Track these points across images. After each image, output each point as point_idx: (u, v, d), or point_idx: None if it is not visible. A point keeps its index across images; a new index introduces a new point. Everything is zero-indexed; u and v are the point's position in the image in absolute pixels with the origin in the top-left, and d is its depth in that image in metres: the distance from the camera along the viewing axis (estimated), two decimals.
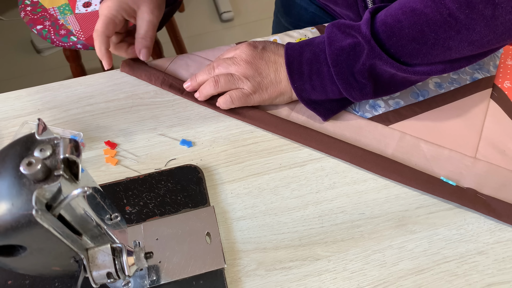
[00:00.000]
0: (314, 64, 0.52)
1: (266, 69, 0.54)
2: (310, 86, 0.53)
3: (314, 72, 0.52)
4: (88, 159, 0.54)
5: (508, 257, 0.46)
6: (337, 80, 0.51)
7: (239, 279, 0.45)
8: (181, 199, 0.50)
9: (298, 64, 0.53)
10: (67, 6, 0.94)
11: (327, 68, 0.51)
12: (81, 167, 0.33)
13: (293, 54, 0.53)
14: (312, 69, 0.52)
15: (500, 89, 0.57)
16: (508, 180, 0.50)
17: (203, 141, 0.55)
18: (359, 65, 0.49)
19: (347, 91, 0.51)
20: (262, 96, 0.55)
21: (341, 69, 0.50)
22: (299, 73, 0.53)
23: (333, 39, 0.50)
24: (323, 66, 0.51)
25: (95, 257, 0.32)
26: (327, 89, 0.52)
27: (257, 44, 0.55)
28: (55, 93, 0.60)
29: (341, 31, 0.50)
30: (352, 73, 0.50)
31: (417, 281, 0.45)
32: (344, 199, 0.50)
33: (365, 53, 0.48)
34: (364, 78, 0.50)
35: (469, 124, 0.54)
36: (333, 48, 0.50)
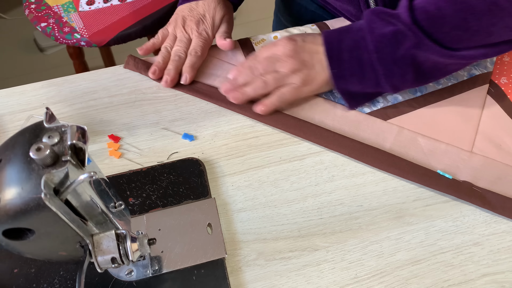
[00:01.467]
0: (354, 51, 0.52)
1: (311, 60, 0.54)
2: (349, 74, 0.53)
3: (354, 59, 0.53)
4: (92, 152, 0.55)
5: (503, 248, 0.47)
6: (379, 66, 0.51)
7: (239, 268, 0.46)
8: (183, 191, 0.51)
9: (338, 51, 0.53)
10: (70, 4, 0.95)
11: (367, 55, 0.52)
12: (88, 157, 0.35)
13: (332, 42, 0.53)
14: (352, 56, 0.53)
15: (497, 85, 0.58)
16: (503, 174, 0.51)
17: (204, 135, 0.56)
18: (401, 52, 0.50)
19: (387, 78, 0.52)
20: (312, 87, 0.55)
21: (383, 55, 0.51)
22: (338, 60, 0.53)
23: (374, 26, 0.51)
24: (363, 53, 0.52)
25: (100, 243, 0.33)
26: (365, 75, 0.53)
27: (295, 38, 0.55)
28: (59, 88, 0.61)
29: (381, 19, 0.51)
30: (394, 60, 0.51)
31: (414, 271, 0.46)
32: (342, 192, 0.51)
33: (408, 40, 0.49)
34: (406, 65, 0.51)
35: (466, 119, 0.55)
36: (374, 35, 0.51)
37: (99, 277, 0.45)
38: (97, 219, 0.34)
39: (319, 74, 0.54)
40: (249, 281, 0.46)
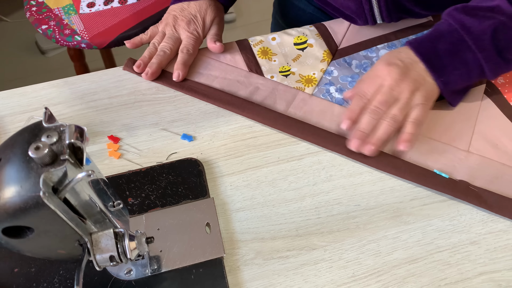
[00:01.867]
0: (456, 53, 0.52)
1: (420, 75, 0.53)
2: (455, 76, 0.53)
3: (458, 61, 0.52)
4: (92, 153, 0.56)
5: (500, 247, 0.48)
6: (485, 64, 0.51)
7: (237, 267, 0.47)
8: (182, 191, 0.51)
9: (437, 58, 0.53)
10: (71, 7, 0.96)
11: (471, 55, 0.51)
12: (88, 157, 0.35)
13: (426, 51, 0.53)
14: (454, 59, 0.52)
15: (494, 85, 0.59)
16: (500, 173, 0.51)
17: (203, 136, 0.57)
18: (506, 43, 0.50)
19: (493, 72, 0.52)
20: (433, 99, 0.54)
21: (489, 52, 0.51)
22: (441, 66, 0.52)
23: (470, 26, 0.51)
24: (466, 53, 0.51)
25: (99, 241, 0.34)
26: (472, 74, 0.53)
27: (391, 60, 0.53)
28: (59, 90, 0.62)
29: (472, 15, 0.51)
30: (499, 53, 0.51)
31: (411, 270, 0.46)
32: (340, 191, 0.52)
33: (510, 30, 0.50)
34: (511, 54, 0.51)
35: (463, 119, 0.55)
36: (474, 34, 0.50)
37: (99, 276, 0.46)
38: (96, 218, 0.35)
39: (433, 85, 0.53)
40: (247, 280, 0.46)
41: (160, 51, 0.62)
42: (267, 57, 0.63)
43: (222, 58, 0.63)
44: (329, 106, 0.57)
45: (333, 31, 0.65)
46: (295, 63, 0.62)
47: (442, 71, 0.52)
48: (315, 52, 0.63)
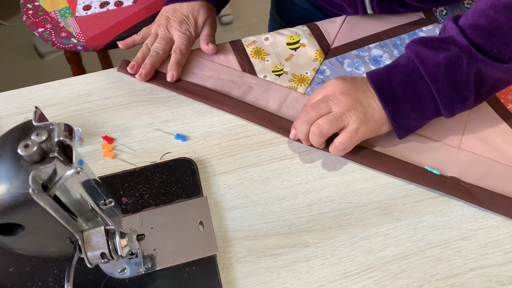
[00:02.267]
0: (409, 85, 0.50)
1: (365, 98, 0.50)
2: (406, 108, 0.50)
3: (410, 92, 0.50)
4: (87, 153, 0.56)
5: (491, 242, 0.48)
6: (438, 97, 0.49)
7: (230, 265, 0.47)
8: (175, 190, 0.52)
9: (389, 87, 0.50)
10: (67, 9, 0.96)
11: (425, 86, 0.49)
12: (81, 159, 0.36)
13: (379, 79, 0.51)
14: (406, 90, 0.50)
15: None
16: (490, 169, 0.51)
17: (197, 135, 0.57)
18: (461, 77, 0.48)
19: (448, 107, 0.49)
20: (369, 125, 0.50)
21: (442, 85, 0.48)
22: (392, 96, 0.50)
23: (424, 57, 0.49)
24: (419, 84, 0.49)
25: (90, 238, 0.34)
26: (424, 108, 0.50)
27: (345, 77, 0.53)
28: (55, 91, 0.62)
29: (429, 47, 0.49)
30: (454, 87, 0.48)
31: (402, 266, 0.47)
32: (332, 189, 0.52)
33: (465, 63, 0.47)
34: (467, 90, 0.48)
35: (455, 117, 0.55)
36: (428, 66, 0.48)
37: (93, 275, 0.46)
38: (87, 216, 0.35)
39: (376, 111, 0.50)
40: (239, 278, 0.46)
41: (153, 52, 0.62)
42: (260, 57, 0.63)
43: (216, 59, 0.63)
44: None
45: (326, 30, 0.66)
46: (288, 62, 0.63)
47: (392, 100, 0.50)
48: (307, 51, 0.63)
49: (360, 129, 0.50)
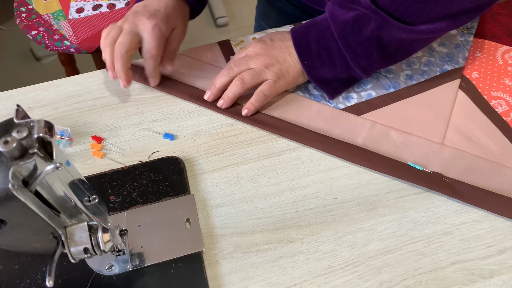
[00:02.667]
0: (322, 41, 0.55)
1: (282, 55, 0.57)
2: (319, 62, 0.56)
3: (322, 48, 0.55)
4: (76, 153, 0.57)
5: (473, 236, 0.49)
6: (345, 51, 0.54)
7: (216, 261, 0.48)
8: (163, 188, 0.52)
9: (306, 43, 0.56)
10: (60, 12, 0.97)
11: (334, 42, 0.55)
12: (68, 161, 0.36)
13: (299, 35, 0.56)
14: (320, 46, 0.55)
15: (468, 79, 0.60)
16: (473, 164, 0.52)
17: (185, 135, 0.58)
18: (365, 35, 0.52)
19: (355, 61, 0.54)
20: (287, 79, 0.57)
21: (348, 40, 0.53)
22: (307, 51, 0.56)
23: (336, 15, 0.54)
24: (330, 41, 0.55)
25: (73, 234, 0.35)
26: (335, 62, 0.55)
27: (264, 38, 0.59)
28: (45, 92, 0.63)
29: (342, 6, 0.53)
30: (359, 43, 0.53)
31: (386, 260, 0.47)
32: (318, 186, 0.53)
33: (370, 22, 0.51)
34: (371, 46, 0.53)
35: (438, 112, 0.56)
36: (337, 23, 0.53)
37: (80, 272, 0.47)
38: (71, 212, 0.36)
39: (292, 67, 0.57)
40: (225, 273, 0.47)
41: (117, 54, 0.56)
42: None
43: (204, 58, 0.64)
44: (307, 103, 0.58)
45: None
46: None
47: (307, 54, 0.56)
48: None
49: (278, 82, 0.57)
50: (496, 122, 0.55)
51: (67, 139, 0.57)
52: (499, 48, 0.64)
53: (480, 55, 0.63)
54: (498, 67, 0.61)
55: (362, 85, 0.60)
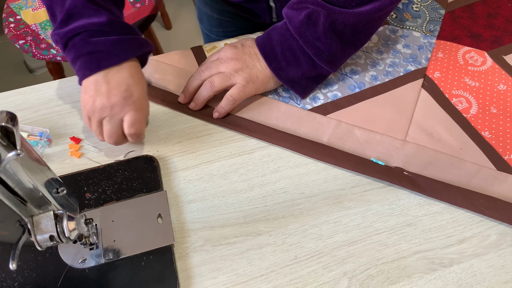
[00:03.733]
0: (284, 42, 0.58)
1: (251, 60, 0.59)
2: (285, 63, 0.58)
3: (286, 49, 0.58)
4: (55, 153, 0.59)
5: (434, 227, 0.50)
6: (306, 48, 0.57)
7: (187, 254, 0.49)
8: (137, 185, 0.54)
9: (270, 48, 0.58)
10: (48, 22, 1.00)
11: (295, 42, 0.57)
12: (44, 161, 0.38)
13: (263, 42, 0.59)
14: (283, 47, 0.58)
15: (431, 79, 0.62)
16: (433, 159, 0.54)
17: (160, 135, 0.60)
18: (320, 29, 0.55)
19: (318, 56, 0.57)
20: (255, 84, 0.59)
21: (306, 38, 0.56)
22: (273, 54, 0.58)
23: (291, 17, 0.57)
24: (291, 41, 0.57)
25: (39, 222, 0.36)
26: (300, 60, 0.58)
27: (235, 44, 0.61)
28: (26, 96, 0.65)
29: (294, 8, 0.57)
30: (317, 38, 0.56)
31: (350, 251, 0.49)
32: (286, 181, 0.55)
33: (321, 16, 0.54)
34: (328, 38, 0.56)
35: (401, 111, 0.59)
36: (293, 24, 0.56)
37: (54, 266, 0.48)
38: (39, 202, 0.37)
39: (260, 72, 0.59)
40: (195, 266, 0.49)
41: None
42: None
43: (177, 63, 0.66)
44: (276, 105, 0.60)
45: None
46: None
47: (273, 57, 0.58)
48: None
49: (247, 87, 0.58)
50: (456, 119, 0.58)
51: (46, 140, 0.59)
52: (460, 49, 0.66)
53: (442, 56, 0.65)
54: (459, 67, 0.64)
55: (329, 86, 0.62)
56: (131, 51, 0.53)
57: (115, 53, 0.51)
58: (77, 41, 0.51)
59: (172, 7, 2.05)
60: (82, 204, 0.53)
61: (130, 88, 0.52)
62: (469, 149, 0.55)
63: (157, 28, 1.99)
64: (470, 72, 0.63)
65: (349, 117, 0.58)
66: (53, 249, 0.49)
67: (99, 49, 0.51)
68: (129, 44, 0.53)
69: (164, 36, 1.96)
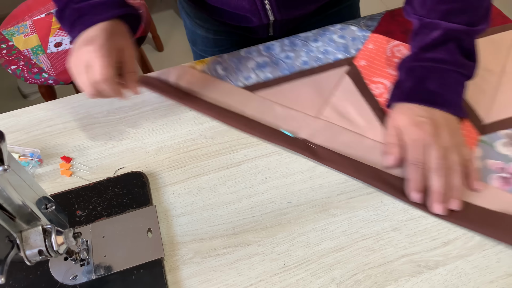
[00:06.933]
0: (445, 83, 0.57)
1: (442, 117, 0.56)
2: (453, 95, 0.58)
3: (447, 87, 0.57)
4: (46, 173, 0.60)
5: (419, 231, 0.51)
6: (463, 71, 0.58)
7: (177, 267, 0.50)
8: (126, 201, 0.55)
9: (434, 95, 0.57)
10: (39, 47, 1.02)
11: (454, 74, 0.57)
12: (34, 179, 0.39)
13: (423, 96, 0.57)
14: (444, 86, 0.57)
15: (356, 66, 0.68)
16: (338, 134, 0.60)
17: (149, 151, 0.61)
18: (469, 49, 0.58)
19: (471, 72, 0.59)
20: (457, 124, 0.57)
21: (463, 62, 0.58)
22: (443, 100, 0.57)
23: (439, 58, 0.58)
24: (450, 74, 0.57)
25: (28, 237, 0.37)
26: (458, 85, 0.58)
27: (414, 119, 0.55)
28: (18, 119, 0.66)
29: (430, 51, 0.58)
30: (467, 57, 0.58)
31: (337, 257, 0.50)
32: (274, 191, 0.56)
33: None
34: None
35: (321, 93, 0.65)
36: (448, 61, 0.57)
37: (45, 283, 0.49)
38: (27, 217, 0.38)
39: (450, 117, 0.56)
40: (185, 278, 0.49)
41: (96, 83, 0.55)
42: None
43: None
44: (226, 84, 0.67)
45: None
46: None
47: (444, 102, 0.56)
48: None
49: (458, 132, 0.57)
50: (368, 101, 0.64)
51: (37, 160, 0.60)
52: (391, 42, 0.71)
53: (372, 47, 0.70)
54: (385, 58, 0.69)
55: (262, 68, 0.69)
56: (110, 11, 0.58)
57: (94, 14, 0.57)
58: (67, 12, 0.58)
59: (164, 29, 2.09)
60: (73, 222, 0.54)
61: (94, 38, 0.55)
62: (374, 128, 0.60)
63: (149, 51, 2.02)
64: (394, 64, 0.68)
65: (274, 96, 0.65)
66: (44, 267, 0.49)
67: (81, 13, 0.57)
68: (108, 5, 0.58)
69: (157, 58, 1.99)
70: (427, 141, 0.54)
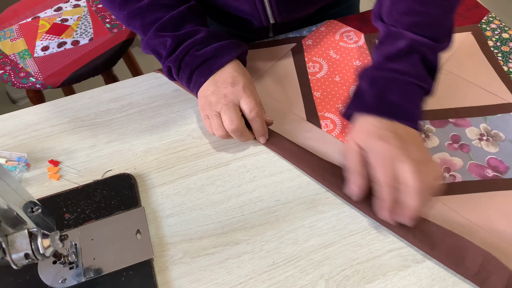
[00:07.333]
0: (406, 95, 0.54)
1: (403, 130, 0.52)
2: (418, 109, 0.55)
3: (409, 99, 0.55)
4: (33, 177, 0.59)
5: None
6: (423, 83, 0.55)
7: (166, 267, 0.50)
8: (115, 203, 0.55)
9: (396, 108, 0.53)
10: (26, 51, 1.01)
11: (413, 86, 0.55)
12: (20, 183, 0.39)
13: (385, 109, 0.53)
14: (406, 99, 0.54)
15: (302, 45, 0.73)
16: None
17: (137, 153, 0.61)
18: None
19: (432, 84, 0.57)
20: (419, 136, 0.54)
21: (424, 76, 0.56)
22: (409, 114, 0.54)
23: (402, 69, 0.55)
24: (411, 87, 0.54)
25: (14, 241, 0.37)
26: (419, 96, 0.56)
27: (379, 132, 0.51)
28: (4, 123, 0.66)
29: (394, 61, 0.56)
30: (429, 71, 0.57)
31: (326, 253, 0.50)
32: (262, 190, 0.56)
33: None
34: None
35: (264, 65, 0.69)
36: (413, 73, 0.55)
37: (34, 287, 0.48)
38: (13, 222, 0.38)
39: (410, 130, 0.53)
40: (175, 278, 0.49)
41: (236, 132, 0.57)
42: None
43: None
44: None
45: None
46: None
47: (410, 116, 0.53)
48: None
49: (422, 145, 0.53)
50: (300, 77, 0.68)
51: (24, 165, 0.59)
52: (343, 28, 0.75)
53: (324, 30, 0.75)
54: (332, 41, 0.73)
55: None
56: (234, 51, 0.60)
57: (221, 56, 0.59)
58: (188, 59, 0.60)
59: None
60: (61, 225, 0.54)
61: (235, 78, 0.58)
62: (296, 103, 0.65)
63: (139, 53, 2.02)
64: (338, 47, 0.72)
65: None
66: (32, 271, 0.49)
67: (207, 57, 0.59)
68: (230, 46, 0.60)
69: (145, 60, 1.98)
70: (396, 155, 0.49)
